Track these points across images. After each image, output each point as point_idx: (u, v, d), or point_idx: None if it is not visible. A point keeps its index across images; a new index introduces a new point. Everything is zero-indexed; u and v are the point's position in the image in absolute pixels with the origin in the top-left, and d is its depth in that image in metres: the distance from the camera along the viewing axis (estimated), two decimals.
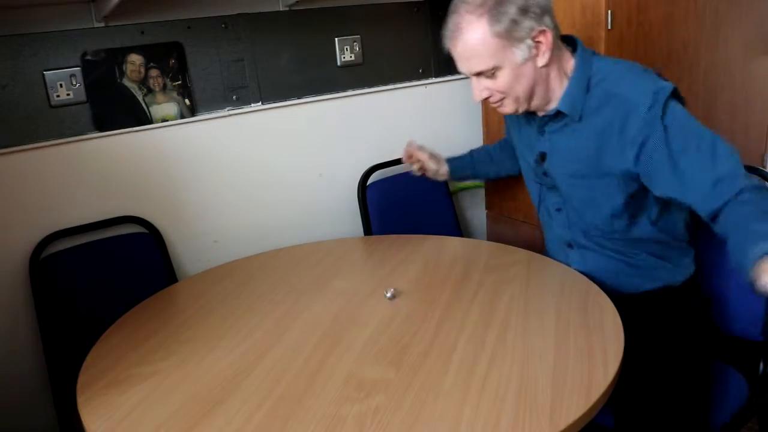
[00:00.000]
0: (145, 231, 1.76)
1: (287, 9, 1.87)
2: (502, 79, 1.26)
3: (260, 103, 1.89)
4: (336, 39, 1.97)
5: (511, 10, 1.20)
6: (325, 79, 1.98)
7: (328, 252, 1.71)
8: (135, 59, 1.68)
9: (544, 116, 1.36)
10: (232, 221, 1.91)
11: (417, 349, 1.17)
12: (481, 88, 1.29)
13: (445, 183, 2.17)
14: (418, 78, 2.16)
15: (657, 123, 1.20)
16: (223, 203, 1.89)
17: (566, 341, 1.16)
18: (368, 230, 2.03)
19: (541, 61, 1.25)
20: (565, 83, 1.30)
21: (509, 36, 1.21)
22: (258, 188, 1.94)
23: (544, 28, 1.22)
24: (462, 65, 1.28)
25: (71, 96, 1.61)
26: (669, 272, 1.41)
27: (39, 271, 1.61)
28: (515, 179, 1.85)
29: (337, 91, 2.01)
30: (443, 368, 1.11)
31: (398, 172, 2.13)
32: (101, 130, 1.67)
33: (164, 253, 1.78)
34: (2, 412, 1.64)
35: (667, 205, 1.33)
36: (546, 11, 1.22)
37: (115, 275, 1.69)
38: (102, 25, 1.63)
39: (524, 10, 1.20)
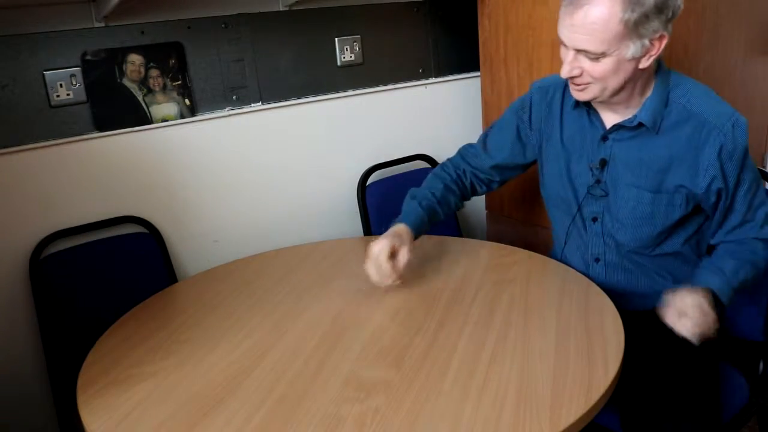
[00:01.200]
0: (145, 231, 1.76)
1: (287, 9, 1.87)
2: (603, 67, 1.17)
3: (260, 103, 1.89)
4: (336, 39, 1.97)
5: (649, 3, 1.12)
6: (325, 79, 1.98)
7: (329, 252, 1.71)
8: (135, 59, 1.68)
9: (615, 125, 1.31)
10: (232, 221, 1.91)
11: (417, 349, 1.17)
12: (576, 65, 1.20)
13: None
14: (418, 78, 2.16)
15: (736, 158, 1.24)
16: (223, 203, 1.89)
17: (566, 341, 1.17)
18: (368, 230, 2.03)
19: (645, 63, 1.19)
20: (647, 93, 1.27)
21: (634, 29, 1.13)
22: (258, 188, 1.94)
23: (665, 33, 1.17)
24: (569, 34, 1.18)
25: (71, 96, 1.61)
26: None
27: (39, 271, 1.61)
28: (516, 180, 1.85)
29: (337, 91, 2.01)
30: (443, 368, 1.11)
31: (398, 172, 2.13)
32: (101, 130, 1.67)
33: (164, 253, 1.78)
34: (2, 412, 1.64)
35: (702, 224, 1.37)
36: (674, 17, 1.17)
37: (115, 275, 1.69)
38: (102, 25, 1.63)
39: (660, 9, 1.14)
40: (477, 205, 2.35)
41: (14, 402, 1.66)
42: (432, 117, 2.20)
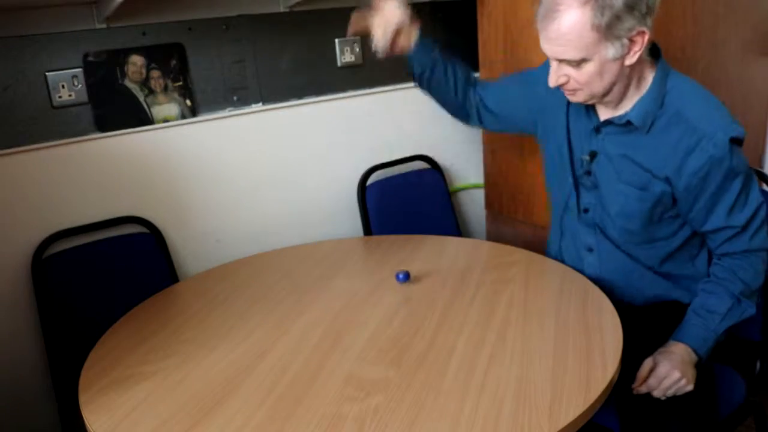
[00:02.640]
0: (146, 231, 1.77)
1: (288, 10, 1.88)
2: (587, 72, 1.19)
3: (261, 104, 1.90)
4: (336, 40, 1.98)
5: (618, 4, 1.12)
6: (326, 80, 1.99)
7: (329, 252, 1.71)
8: (136, 60, 1.69)
9: (605, 121, 1.32)
10: (233, 221, 1.92)
11: (417, 349, 1.18)
12: (561, 74, 1.23)
13: (444, 184, 2.18)
14: None
15: (721, 165, 1.22)
16: (224, 203, 1.89)
17: (565, 341, 1.17)
18: (368, 230, 2.04)
19: (630, 60, 1.19)
20: (642, 91, 1.27)
21: (608, 31, 1.14)
22: (258, 188, 1.94)
23: (644, 29, 1.16)
24: (548, 46, 1.21)
25: (73, 97, 1.62)
26: (682, 292, 1.41)
27: (41, 271, 1.61)
28: (516, 179, 1.86)
29: (337, 91, 2.02)
30: (443, 368, 1.11)
31: (398, 172, 2.14)
32: (103, 130, 1.68)
33: (165, 253, 1.79)
34: (5, 412, 1.65)
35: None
36: (651, 11, 1.16)
37: (117, 275, 1.70)
38: (104, 26, 1.63)
39: (631, 7, 1.13)
40: (477, 205, 2.35)
41: (16, 401, 1.67)
42: (432, 117, 2.20)
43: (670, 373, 1.20)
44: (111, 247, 1.71)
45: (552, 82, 1.24)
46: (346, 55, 2.00)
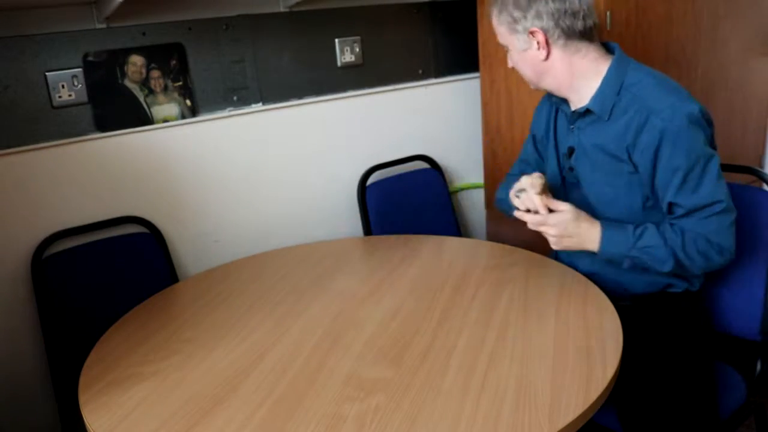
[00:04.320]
0: (146, 231, 1.77)
1: (288, 10, 1.88)
2: (511, 57, 1.44)
3: (261, 104, 1.90)
4: (336, 40, 1.98)
5: (509, 8, 1.37)
6: (326, 80, 1.99)
7: (329, 252, 1.71)
8: (136, 60, 1.69)
9: (574, 112, 1.41)
10: (232, 221, 1.92)
11: (417, 349, 1.18)
12: (509, 57, 1.46)
13: (444, 184, 2.18)
14: (418, 79, 2.16)
15: (670, 140, 1.25)
16: (223, 203, 1.90)
17: (565, 340, 1.17)
18: (368, 230, 2.04)
19: (541, 54, 1.36)
20: (598, 82, 1.36)
21: (510, 27, 1.38)
22: (258, 188, 1.94)
23: (535, 29, 1.34)
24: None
25: (73, 97, 1.62)
26: (673, 279, 1.41)
27: (41, 271, 1.61)
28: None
29: (337, 91, 2.02)
30: (443, 368, 1.11)
31: (398, 172, 2.14)
32: (103, 130, 1.68)
33: (165, 253, 1.79)
34: (5, 411, 1.65)
35: None
36: (539, 15, 1.33)
37: (117, 275, 1.70)
38: (103, 26, 1.63)
39: (522, 9, 1.35)
40: (477, 205, 2.35)
41: (16, 401, 1.67)
42: (432, 117, 2.21)
43: (555, 227, 1.32)
44: (111, 247, 1.71)
45: (509, 62, 1.46)
46: (346, 55, 2.00)
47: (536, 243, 1.97)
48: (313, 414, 1.01)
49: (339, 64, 2.00)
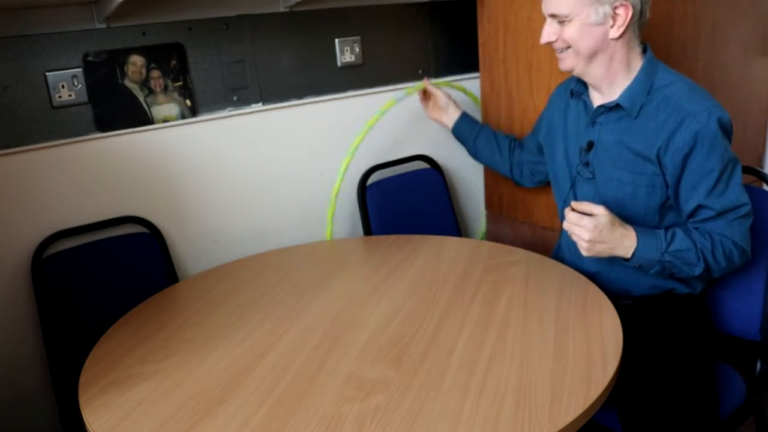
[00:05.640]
0: (146, 231, 1.77)
1: (288, 10, 1.88)
2: (570, 30, 1.32)
3: (261, 104, 1.90)
4: (336, 40, 1.98)
5: None
6: (326, 80, 1.99)
7: (329, 252, 1.72)
8: (136, 60, 1.69)
9: (600, 107, 1.40)
10: (232, 221, 1.92)
11: (417, 349, 1.18)
12: (551, 30, 1.36)
13: (444, 184, 2.18)
14: (418, 79, 2.16)
15: (705, 144, 1.26)
16: (223, 203, 1.89)
17: (565, 340, 1.17)
18: (368, 230, 2.03)
19: (614, 33, 1.31)
20: (631, 78, 1.36)
21: None
22: (258, 188, 1.94)
23: (627, 3, 1.28)
24: (544, 2, 1.36)
25: (73, 97, 1.62)
26: (677, 283, 1.42)
27: (41, 271, 1.61)
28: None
29: (337, 91, 2.02)
30: (443, 368, 1.11)
31: (398, 173, 2.14)
32: (103, 130, 1.68)
33: (165, 253, 1.79)
34: (4, 411, 1.65)
35: None
36: None
37: (117, 275, 1.70)
38: (103, 26, 1.63)
39: None
40: (477, 204, 2.35)
41: (16, 401, 1.67)
42: None
43: (591, 231, 1.24)
44: (110, 247, 1.71)
45: (543, 37, 1.37)
46: (346, 55, 2.00)
47: (536, 243, 1.97)
48: (313, 414, 1.01)
49: (339, 64, 2.00)
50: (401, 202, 2.09)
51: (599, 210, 1.25)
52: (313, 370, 1.14)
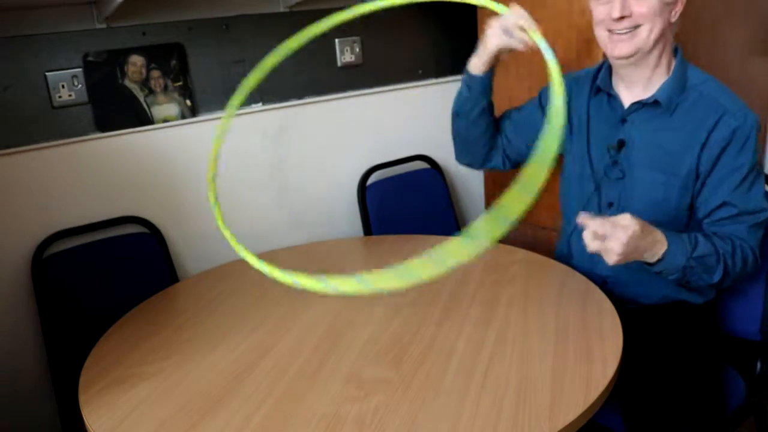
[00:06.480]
0: (146, 231, 1.77)
1: (288, 10, 1.88)
2: (650, 2, 1.26)
3: (261, 104, 1.90)
4: (336, 40, 1.98)
5: None
6: (326, 80, 1.99)
7: (329, 252, 1.72)
8: (136, 60, 1.69)
9: (634, 104, 1.37)
10: (232, 221, 1.91)
11: (417, 349, 1.18)
12: (626, 5, 1.28)
13: (444, 184, 2.18)
14: (418, 79, 2.16)
15: (739, 141, 1.27)
16: (223, 203, 1.88)
17: (565, 341, 1.17)
18: (368, 230, 2.04)
19: (674, 16, 1.31)
20: (666, 75, 1.35)
21: None
22: (258, 188, 1.94)
23: None
24: None
25: (73, 97, 1.62)
26: (691, 294, 1.40)
27: (41, 271, 1.61)
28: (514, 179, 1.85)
29: (337, 91, 2.02)
30: (443, 368, 1.11)
31: (398, 173, 2.14)
32: (103, 130, 1.68)
33: (165, 253, 1.79)
34: (4, 411, 1.65)
35: None
36: None
37: (117, 275, 1.70)
38: (103, 26, 1.63)
39: None
40: (477, 204, 2.35)
41: (16, 401, 1.67)
42: (432, 117, 2.21)
43: (624, 245, 1.13)
44: (111, 247, 1.71)
45: (614, 12, 1.27)
46: (346, 55, 2.00)
47: (537, 243, 1.97)
48: (313, 414, 1.01)
49: (339, 64, 2.00)
50: (401, 202, 2.09)
51: (626, 220, 1.13)
52: (313, 370, 1.14)
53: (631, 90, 1.38)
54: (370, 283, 1.13)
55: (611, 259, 1.15)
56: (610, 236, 1.13)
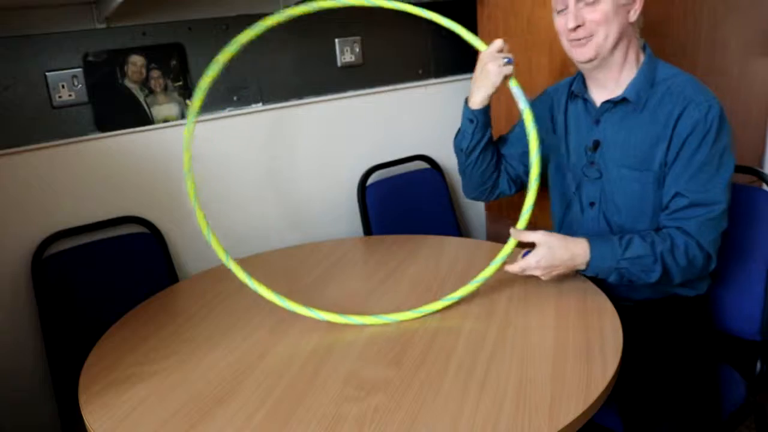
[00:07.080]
0: (146, 231, 1.77)
1: None
2: (602, 8, 1.29)
3: (261, 104, 1.90)
4: (336, 40, 1.98)
5: None
6: (326, 80, 1.99)
7: (329, 252, 1.71)
8: (136, 60, 1.69)
9: (604, 103, 1.39)
10: (232, 221, 1.92)
11: (416, 349, 1.18)
12: (579, 15, 1.32)
13: (444, 184, 2.18)
14: (418, 79, 2.16)
15: (702, 130, 1.27)
16: (223, 203, 1.89)
17: (565, 341, 1.17)
18: (368, 230, 2.04)
19: (633, 15, 1.33)
20: (634, 72, 1.37)
21: None
22: (258, 188, 1.94)
23: None
24: None
25: (73, 97, 1.62)
26: (682, 287, 1.41)
27: (41, 271, 1.61)
28: None
29: (337, 91, 2.02)
30: (443, 368, 1.11)
31: (398, 173, 2.14)
32: (103, 130, 1.68)
33: (165, 253, 1.79)
34: (4, 411, 1.65)
35: None
36: None
37: (117, 275, 1.70)
38: (104, 26, 1.63)
39: None
40: (477, 205, 2.35)
41: (16, 401, 1.67)
42: (432, 117, 2.21)
43: (538, 265, 1.29)
44: (111, 247, 1.71)
45: (571, 22, 1.32)
46: (346, 55, 2.00)
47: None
48: (313, 414, 1.01)
49: (339, 64, 2.00)
50: (401, 202, 2.10)
51: (537, 236, 1.29)
52: (312, 371, 1.14)
53: (602, 92, 1.41)
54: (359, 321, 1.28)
55: (540, 276, 1.31)
56: (527, 267, 1.30)
